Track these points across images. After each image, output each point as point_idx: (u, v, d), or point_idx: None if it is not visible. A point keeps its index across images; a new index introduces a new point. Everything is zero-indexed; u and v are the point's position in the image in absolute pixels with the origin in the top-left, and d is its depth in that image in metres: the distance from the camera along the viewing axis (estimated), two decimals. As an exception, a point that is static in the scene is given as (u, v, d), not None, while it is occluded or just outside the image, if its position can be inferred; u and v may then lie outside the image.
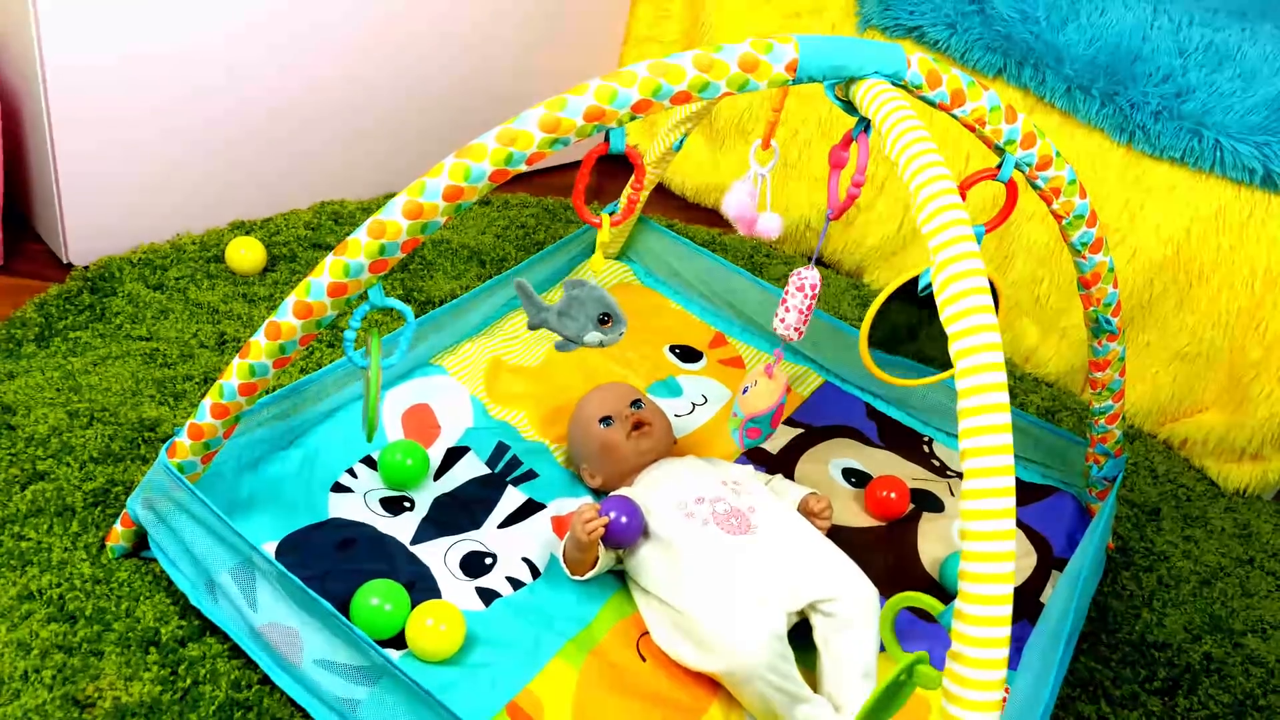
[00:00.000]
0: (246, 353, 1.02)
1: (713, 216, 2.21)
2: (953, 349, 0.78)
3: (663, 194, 2.25)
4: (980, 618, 0.73)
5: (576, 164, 2.36)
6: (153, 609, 1.10)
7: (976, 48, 1.78)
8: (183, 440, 1.08)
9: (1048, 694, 1.09)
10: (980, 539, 0.73)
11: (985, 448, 0.75)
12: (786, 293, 1.17)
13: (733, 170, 2.17)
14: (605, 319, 1.13)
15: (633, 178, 1.09)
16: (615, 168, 1.16)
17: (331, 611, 0.99)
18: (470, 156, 0.93)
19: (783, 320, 1.18)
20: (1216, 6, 1.82)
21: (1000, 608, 0.73)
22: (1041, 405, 1.78)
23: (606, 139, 1.00)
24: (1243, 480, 1.67)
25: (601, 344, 1.14)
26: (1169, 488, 1.65)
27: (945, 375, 1.27)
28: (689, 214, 2.19)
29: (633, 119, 0.95)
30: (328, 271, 0.96)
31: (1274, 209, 1.58)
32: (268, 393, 1.35)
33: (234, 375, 1.03)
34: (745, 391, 1.23)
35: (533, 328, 1.14)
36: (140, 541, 1.16)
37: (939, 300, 0.80)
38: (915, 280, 1.15)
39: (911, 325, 1.20)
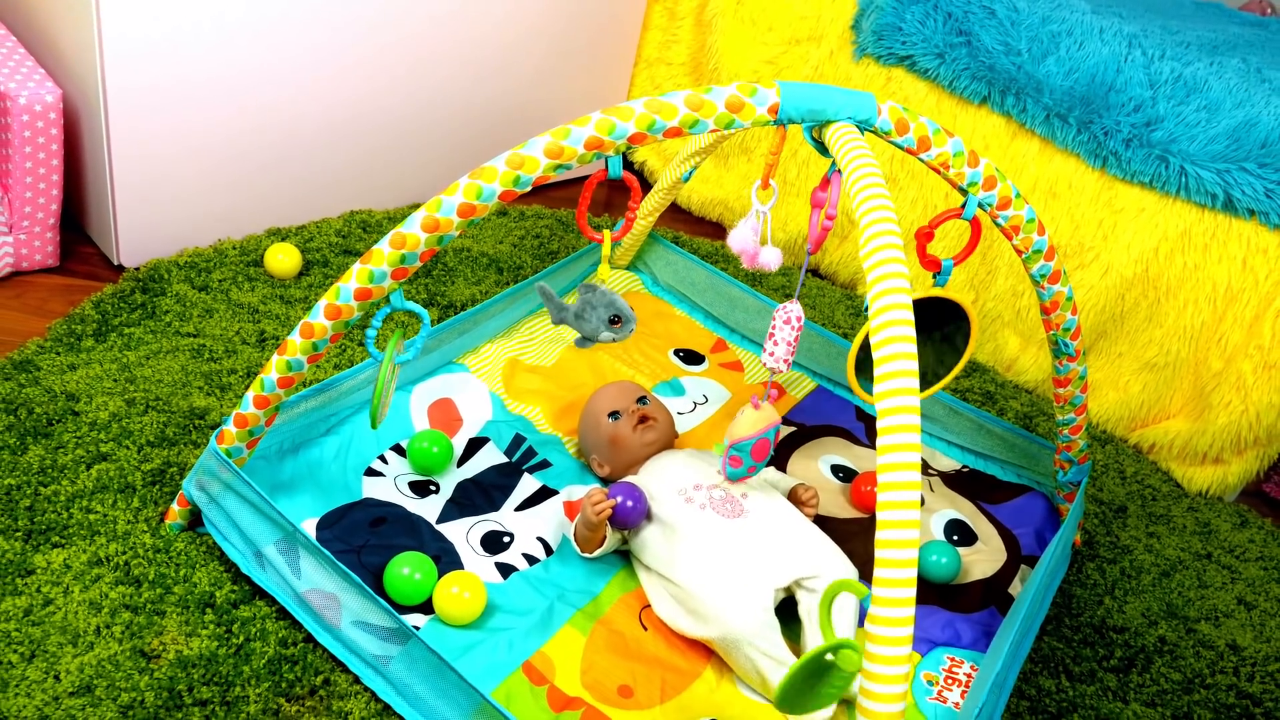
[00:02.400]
0: (284, 350, 1.15)
1: (717, 230, 2.34)
2: (876, 374, 0.89)
3: (671, 208, 2.38)
4: (889, 599, 0.85)
5: (586, 177, 2.50)
6: (208, 575, 1.23)
7: (963, 76, 1.91)
8: (230, 428, 1.21)
9: (999, 666, 1.20)
10: (889, 566, 0.85)
11: (898, 463, 0.86)
12: (774, 328, 1.22)
13: (736, 186, 2.30)
14: (616, 319, 1.26)
15: (630, 199, 1.22)
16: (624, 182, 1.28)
17: (360, 585, 1.12)
18: (482, 178, 1.05)
19: (772, 354, 1.21)
20: (1189, 41, 1.95)
21: (905, 589, 0.85)
22: (1021, 410, 1.90)
23: (606, 165, 1.12)
24: (1205, 482, 1.79)
25: (614, 340, 1.28)
26: (1136, 488, 1.78)
27: (925, 394, 1.38)
28: (695, 227, 2.33)
29: (629, 149, 1.08)
30: (355, 278, 1.09)
31: (1234, 231, 1.71)
32: (305, 385, 1.49)
33: (273, 370, 1.16)
34: (736, 420, 1.29)
35: (556, 324, 1.29)
36: (195, 519, 1.29)
37: (870, 320, 0.91)
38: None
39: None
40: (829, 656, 0.89)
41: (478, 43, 2.02)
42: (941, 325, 1.34)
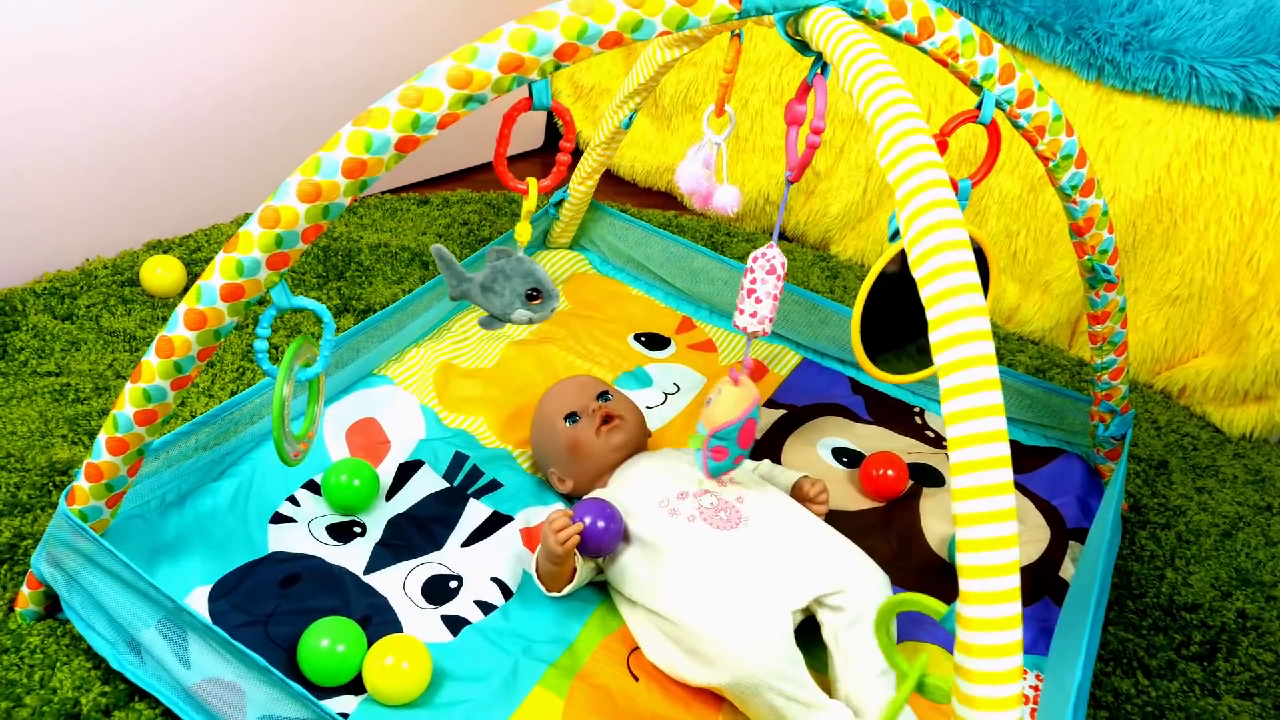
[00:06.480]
0: (138, 376, 0.89)
1: (667, 200, 2.10)
2: (929, 312, 0.67)
3: (612, 180, 2.13)
4: (986, 620, 0.63)
5: (520, 156, 2.25)
6: (71, 676, 0.96)
7: (929, -7, 1.67)
8: (81, 484, 0.94)
9: (1079, 673, 0.98)
10: (977, 548, 0.63)
11: (976, 434, 0.63)
12: (752, 280, 0.99)
13: (682, 148, 2.04)
14: (534, 294, 1.01)
15: (562, 137, 0.97)
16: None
17: (266, 667, 0.86)
18: (370, 123, 0.81)
19: (754, 315, 0.99)
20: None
21: (1008, 606, 0.63)
22: (1030, 364, 1.68)
23: (530, 94, 0.88)
24: (1248, 423, 1.58)
25: (531, 322, 1.03)
26: (1174, 438, 1.56)
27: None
28: (641, 199, 2.08)
29: (557, 67, 0.83)
30: (219, 272, 0.84)
31: (1256, 135, 1.50)
32: (193, 416, 1.23)
33: (127, 403, 0.90)
34: (709, 403, 1.05)
35: (455, 297, 1.03)
36: (54, 603, 1.02)
37: (911, 258, 0.68)
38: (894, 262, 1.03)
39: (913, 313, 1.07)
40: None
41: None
42: None
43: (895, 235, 0.98)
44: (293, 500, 1.16)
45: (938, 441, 1.43)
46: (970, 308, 0.65)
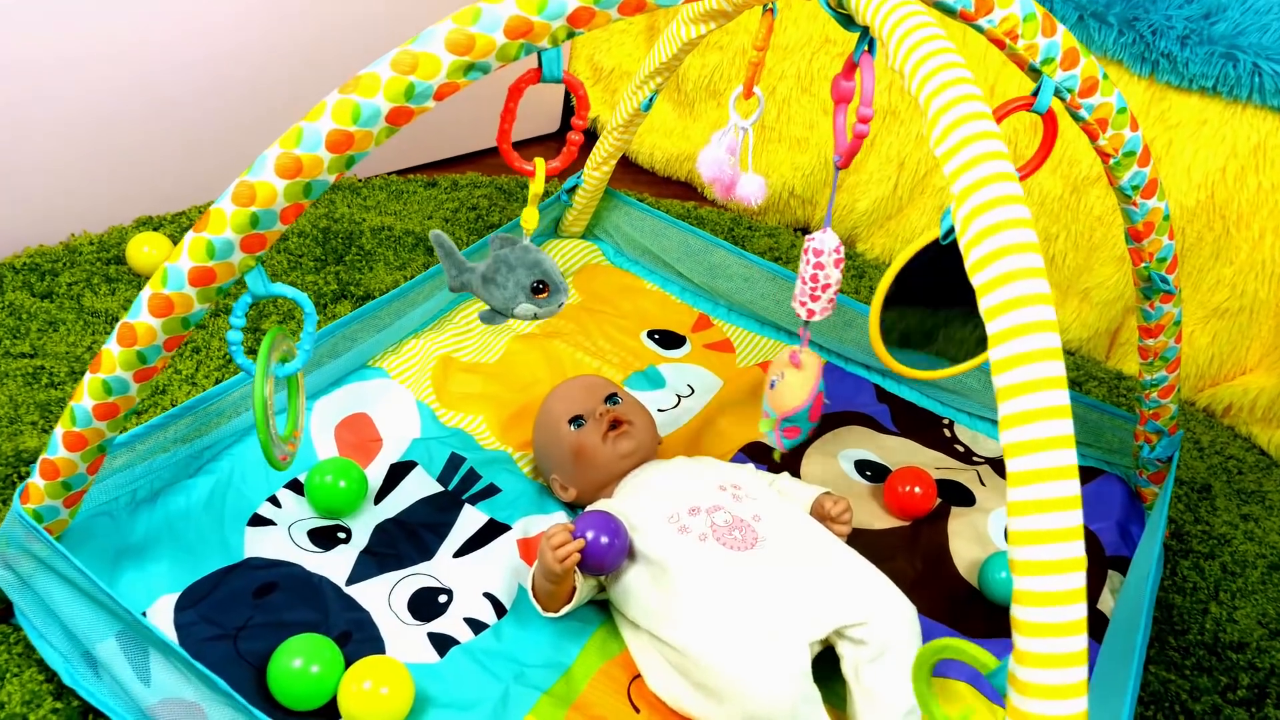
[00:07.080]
0: (98, 365, 0.81)
1: (687, 190, 2.01)
2: (989, 326, 0.58)
3: (630, 168, 2.04)
4: (1045, 688, 0.55)
5: (533, 140, 2.16)
6: (20, 690, 0.88)
7: (972, -21, 1.58)
8: (36, 482, 0.86)
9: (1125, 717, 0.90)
10: (1037, 602, 0.56)
11: (1040, 470, 0.56)
12: (818, 264, 0.98)
13: (704, 137, 1.95)
14: (540, 287, 0.93)
15: (575, 112, 0.88)
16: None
17: (228, 692, 0.78)
18: (359, 91, 0.73)
19: (795, 296, 0.99)
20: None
21: (1071, 671, 0.55)
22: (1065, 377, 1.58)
23: (539, 64, 0.79)
24: (1299, 447, 1.49)
25: (536, 317, 0.95)
26: (1217, 460, 1.47)
27: (971, 365, 1.09)
28: (660, 189, 1.99)
29: (570, 35, 0.75)
30: (187, 253, 0.76)
31: (1323, 138, 1.40)
32: (174, 404, 1.15)
33: (86, 395, 0.82)
34: (773, 386, 1.03)
35: (454, 290, 0.95)
36: (7, 607, 0.94)
37: (965, 253, 0.60)
38: (922, 254, 0.96)
39: (928, 324, 1.01)
40: None
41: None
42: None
43: (949, 234, 0.90)
44: (274, 501, 1.08)
45: (968, 456, 1.34)
46: (1039, 321, 0.57)
